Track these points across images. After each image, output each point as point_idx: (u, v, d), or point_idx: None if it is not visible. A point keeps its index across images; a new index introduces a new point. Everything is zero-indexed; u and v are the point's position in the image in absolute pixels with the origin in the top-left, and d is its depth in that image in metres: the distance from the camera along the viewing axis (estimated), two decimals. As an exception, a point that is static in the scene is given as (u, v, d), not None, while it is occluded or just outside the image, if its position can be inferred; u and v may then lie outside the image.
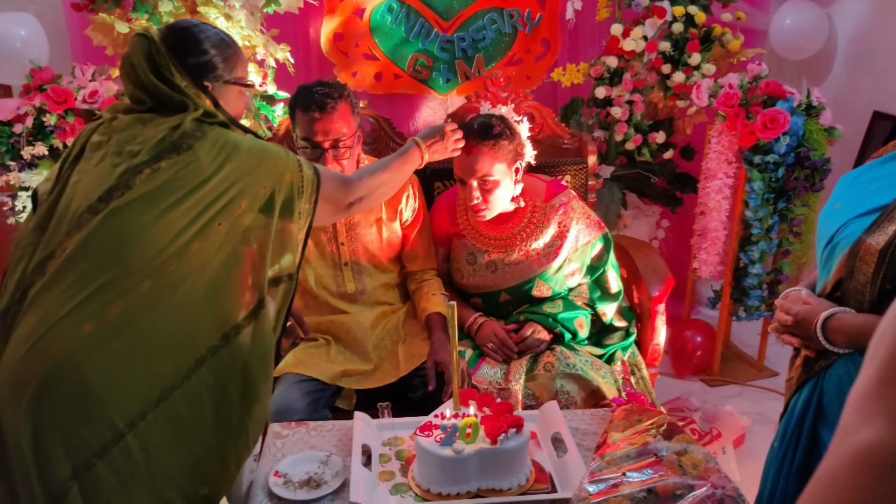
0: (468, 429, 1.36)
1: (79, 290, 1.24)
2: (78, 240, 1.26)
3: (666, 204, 3.10)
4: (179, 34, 1.42)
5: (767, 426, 2.56)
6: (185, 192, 1.31)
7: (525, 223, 2.01)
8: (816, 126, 2.59)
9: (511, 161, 1.92)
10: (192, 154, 1.33)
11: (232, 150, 1.37)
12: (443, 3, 3.02)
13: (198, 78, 1.41)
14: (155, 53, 1.37)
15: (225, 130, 1.40)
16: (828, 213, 1.30)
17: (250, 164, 1.38)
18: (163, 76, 1.37)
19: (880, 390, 0.57)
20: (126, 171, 1.30)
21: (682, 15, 2.77)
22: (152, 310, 1.27)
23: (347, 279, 2.02)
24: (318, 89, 1.88)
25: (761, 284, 2.82)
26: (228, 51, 1.47)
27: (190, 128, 1.35)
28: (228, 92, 1.48)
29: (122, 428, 1.23)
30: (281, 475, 1.43)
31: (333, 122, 1.85)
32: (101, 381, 1.23)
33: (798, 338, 1.30)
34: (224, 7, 2.45)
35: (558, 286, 2.03)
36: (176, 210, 1.30)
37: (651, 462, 1.33)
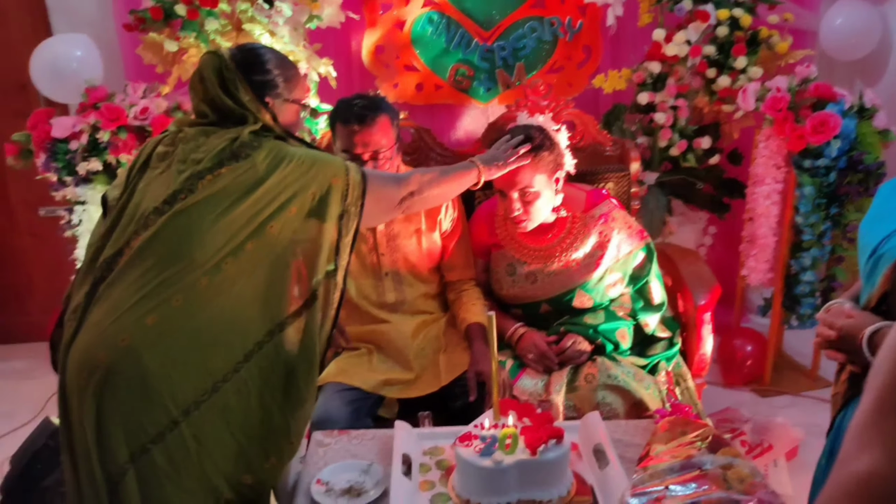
0: (508, 439, 1.35)
1: (143, 285, 1.34)
2: (144, 238, 1.37)
3: (713, 210, 3.04)
4: (247, 54, 1.54)
5: (822, 438, 2.44)
6: (241, 195, 1.40)
7: (565, 234, 2.00)
8: (870, 128, 2.52)
9: (551, 172, 1.91)
10: (249, 161, 1.42)
11: (285, 157, 1.45)
12: (483, 12, 3.03)
13: (260, 94, 1.51)
14: (224, 69, 1.48)
15: (280, 142, 1.49)
16: (870, 223, 1.26)
17: (301, 170, 1.46)
18: (229, 91, 1.47)
19: (877, 420, 0.57)
20: (190, 176, 1.40)
21: (726, 18, 2.72)
22: (209, 305, 1.36)
23: (388, 289, 2.04)
24: (357, 102, 1.92)
25: (814, 292, 2.74)
26: (289, 72, 1.58)
27: (248, 138, 1.45)
28: (287, 110, 1.57)
29: (177, 416, 1.31)
30: (323, 483, 1.45)
31: (373, 134, 1.88)
32: (159, 371, 1.31)
33: (843, 353, 1.25)
34: (268, 23, 2.51)
35: (599, 297, 2.00)
36: (233, 212, 1.39)
37: (695, 476, 1.30)
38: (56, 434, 1.89)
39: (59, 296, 1.50)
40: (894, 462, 0.56)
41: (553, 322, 2.02)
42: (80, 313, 1.38)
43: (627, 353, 1.97)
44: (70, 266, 2.73)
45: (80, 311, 1.38)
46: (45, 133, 2.49)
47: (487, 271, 2.14)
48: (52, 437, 1.89)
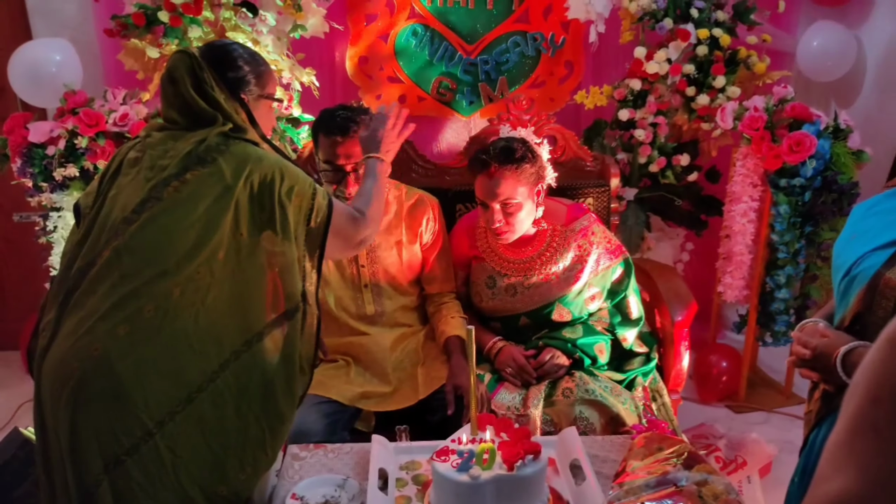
0: (485, 454, 1.35)
1: (114, 294, 1.32)
2: (114, 248, 1.35)
3: (690, 227, 3.08)
4: (218, 51, 1.53)
5: (795, 454, 2.46)
6: (209, 202, 1.37)
7: (545, 247, 2.01)
8: (844, 149, 2.56)
9: (533, 184, 1.93)
10: (215, 166, 1.39)
11: (254, 163, 1.42)
12: (466, 26, 3.05)
13: (235, 91, 1.50)
14: (196, 68, 1.45)
15: (249, 145, 1.46)
16: (843, 244, 1.28)
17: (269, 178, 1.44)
18: (203, 90, 1.45)
19: (851, 440, 0.58)
20: (157, 184, 1.38)
21: (706, 38, 2.76)
22: (182, 314, 1.33)
23: (367, 301, 2.03)
24: (340, 113, 1.91)
25: (788, 309, 2.77)
26: (260, 67, 1.57)
27: (214, 142, 1.42)
28: (261, 105, 1.56)
29: (152, 427, 1.29)
30: (298, 497, 1.44)
31: (355, 145, 1.88)
32: (133, 381, 1.29)
33: (817, 372, 1.26)
34: (252, 32, 2.50)
35: (578, 310, 2.02)
36: (203, 220, 1.36)
37: (670, 492, 1.31)
38: (25, 444, 1.85)
39: (32, 303, 1.48)
40: (868, 483, 0.56)
41: (532, 336, 2.03)
42: (53, 323, 1.36)
43: (605, 368, 1.98)
44: (44, 273, 2.68)
45: (54, 321, 1.36)
46: (21, 137, 2.46)
47: (467, 284, 2.14)
48: (22, 447, 1.86)
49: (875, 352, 0.60)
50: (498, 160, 1.88)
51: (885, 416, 0.57)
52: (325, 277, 2.03)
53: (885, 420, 0.57)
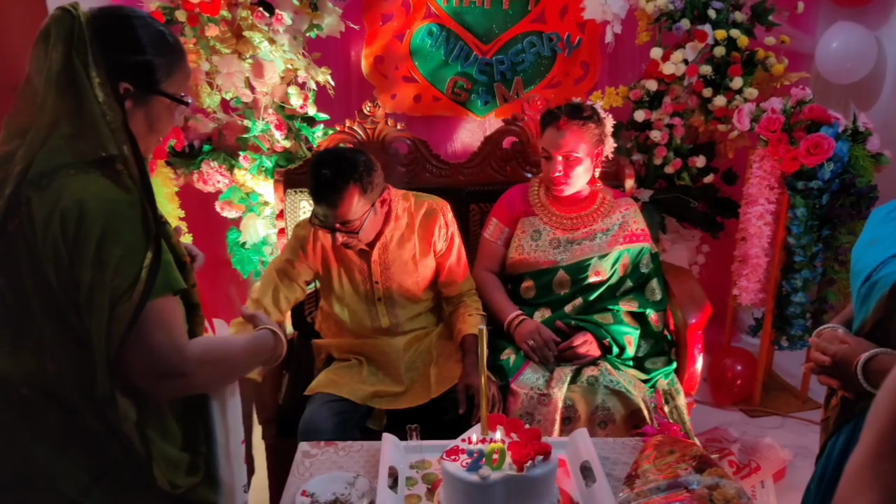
0: (495, 454, 1.35)
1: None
2: None
3: (706, 229, 3.05)
4: (112, 19, 1.15)
5: (809, 460, 2.46)
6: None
7: (595, 208, 2.16)
8: (863, 152, 2.53)
9: (595, 144, 2.09)
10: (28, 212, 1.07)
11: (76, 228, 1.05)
12: (482, 26, 3.04)
13: (115, 79, 1.11)
14: (76, 35, 1.09)
15: (80, 181, 1.07)
16: (862, 249, 1.26)
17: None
18: (71, 67, 1.09)
19: (874, 463, 0.57)
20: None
21: (723, 38, 2.74)
22: None
23: (381, 314, 2.02)
24: (324, 172, 1.78)
25: (804, 313, 2.75)
26: (170, 55, 1.19)
27: (39, 169, 1.07)
28: (156, 106, 1.19)
29: (77, 496, 1.14)
30: (308, 495, 1.44)
31: (338, 209, 1.80)
32: (45, 456, 1.14)
33: (836, 379, 1.24)
34: (268, 31, 2.51)
35: (612, 272, 2.11)
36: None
37: (681, 495, 1.30)
38: None
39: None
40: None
41: (564, 298, 2.11)
42: None
43: (631, 364, 2.02)
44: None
45: None
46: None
47: (507, 244, 2.21)
48: None
49: (894, 375, 0.59)
50: (567, 114, 2.05)
51: None
52: (338, 293, 2.02)
53: None
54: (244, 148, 2.66)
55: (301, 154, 2.68)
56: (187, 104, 1.23)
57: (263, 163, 2.63)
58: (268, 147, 2.66)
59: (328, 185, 1.78)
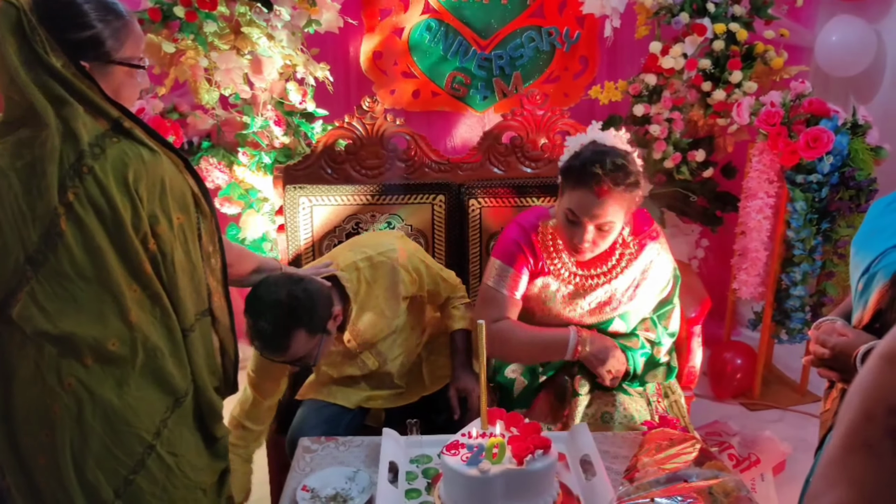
0: (494, 449, 1.35)
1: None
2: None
3: (706, 223, 3.06)
4: (55, 2, 1.16)
5: (809, 453, 2.45)
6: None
7: (614, 261, 1.84)
8: (862, 145, 2.53)
9: (632, 207, 1.76)
10: (93, 178, 1.16)
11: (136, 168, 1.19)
12: (481, 21, 3.04)
13: (74, 57, 1.15)
14: (26, 25, 1.11)
15: (126, 144, 1.19)
16: (862, 241, 1.26)
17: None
18: (34, 58, 1.12)
19: (843, 456, 0.58)
20: (47, 218, 1.16)
21: (723, 32, 2.74)
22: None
23: (367, 360, 1.93)
24: (263, 325, 1.58)
25: (804, 307, 2.75)
26: (116, 22, 1.21)
27: (87, 143, 1.15)
28: (115, 74, 1.22)
29: (151, 440, 1.27)
30: (309, 490, 1.45)
31: (286, 355, 1.64)
32: (124, 405, 1.25)
33: (835, 371, 1.24)
34: (266, 27, 2.51)
35: (631, 324, 1.90)
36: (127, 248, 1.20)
37: (681, 489, 1.31)
38: None
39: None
40: (860, 499, 0.56)
41: None
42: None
43: (637, 384, 1.89)
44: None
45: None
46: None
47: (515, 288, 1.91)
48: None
49: (868, 368, 0.60)
50: (612, 180, 1.65)
51: (877, 432, 0.57)
52: (321, 366, 1.90)
53: (877, 437, 0.57)
54: (243, 144, 2.66)
55: (300, 150, 2.68)
56: (144, 67, 1.27)
57: (262, 159, 2.63)
58: (267, 143, 2.66)
59: (270, 338, 1.60)
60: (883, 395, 0.57)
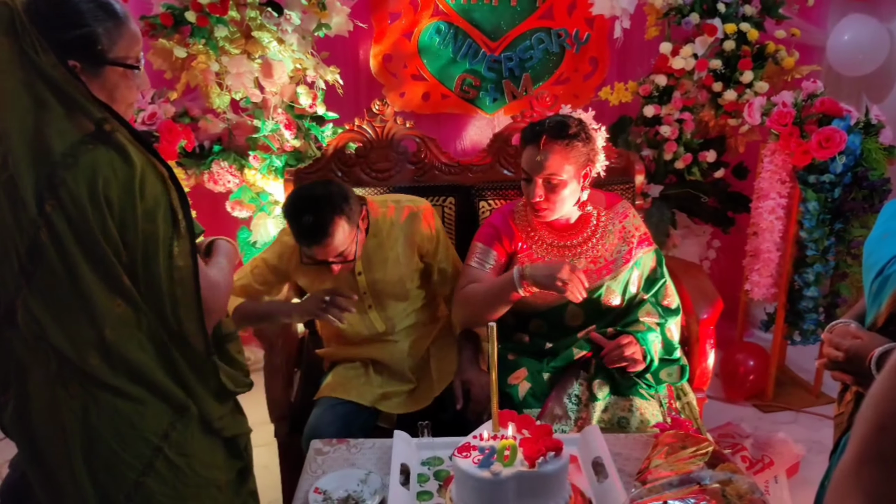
0: (506, 451, 1.35)
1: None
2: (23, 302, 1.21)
3: (717, 224, 3.04)
4: (46, 1, 1.14)
5: (823, 455, 2.45)
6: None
7: (591, 230, 1.97)
8: (875, 145, 2.51)
9: (581, 165, 1.87)
10: (65, 190, 1.12)
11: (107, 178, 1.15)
12: (490, 23, 3.04)
13: (64, 57, 1.13)
14: (18, 24, 1.10)
15: (101, 150, 1.14)
16: (875, 243, 1.25)
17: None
18: (27, 59, 1.10)
19: (858, 468, 0.58)
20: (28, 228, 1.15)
21: (733, 32, 2.72)
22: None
23: (374, 320, 1.98)
24: (307, 219, 1.72)
25: (817, 308, 2.73)
26: (109, 21, 1.18)
27: (60, 150, 1.12)
28: (109, 76, 1.20)
29: (158, 442, 1.27)
30: (321, 492, 1.45)
31: (330, 245, 1.76)
32: (129, 409, 1.24)
33: (850, 374, 1.23)
34: (277, 32, 2.52)
35: (624, 292, 1.95)
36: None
37: (694, 491, 1.30)
38: None
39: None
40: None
41: (579, 326, 1.93)
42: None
43: (653, 387, 1.88)
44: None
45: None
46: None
47: (498, 271, 2.00)
48: None
49: (881, 380, 0.60)
50: (550, 133, 1.82)
51: (890, 444, 0.57)
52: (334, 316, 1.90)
53: (890, 449, 0.57)
54: (254, 148, 2.68)
55: (311, 153, 2.69)
56: (138, 68, 1.24)
57: (273, 162, 2.64)
58: (277, 147, 2.67)
59: (314, 229, 1.72)
60: (895, 407, 0.57)
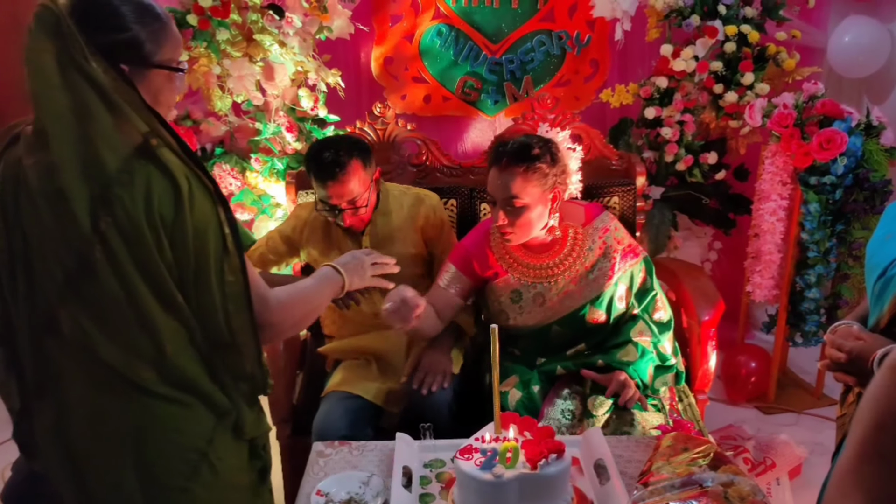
0: (508, 453, 1.35)
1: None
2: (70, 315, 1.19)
3: (718, 226, 3.04)
4: (91, 4, 1.12)
5: (825, 457, 2.45)
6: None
7: (568, 249, 1.90)
8: (876, 146, 2.51)
9: (547, 188, 1.79)
10: (120, 207, 1.10)
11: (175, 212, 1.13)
12: (491, 26, 3.05)
13: (113, 60, 1.11)
14: (65, 28, 1.06)
15: (152, 165, 1.12)
16: (877, 244, 1.25)
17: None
18: (71, 62, 1.07)
19: (858, 466, 0.59)
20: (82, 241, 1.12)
21: (734, 34, 2.73)
22: None
23: (377, 300, 1.96)
24: (327, 155, 1.86)
25: (819, 309, 2.73)
26: (155, 24, 1.17)
27: (115, 166, 1.09)
28: (154, 79, 1.19)
29: (204, 448, 1.25)
30: (323, 494, 1.45)
31: (346, 185, 1.88)
32: (177, 414, 1.23)
33: (852, 375, 1.23)
34: (278, 34, 2.53)
35: (610, 309, 1.90)
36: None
37: (696, 493, 1.30)
38: None
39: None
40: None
41: (564, 347, 1.91)
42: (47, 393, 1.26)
43: (651, 398, 1.86)
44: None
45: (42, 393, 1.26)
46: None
47: (485, 307, 2.03)
48: None
49: (880, 379, 0.60)
50: (511, 156, 1.76)
51: (890, 442, 0.58)
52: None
53: (890, 446, 0.57)
54: (256, 150, 2.68)
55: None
56: (183, 70, 1.24)
57: (275, 165, 2.65)
58: (279, 149, 2.68)
59: (333, 164, 1.85)
60: (894, 406, 0.58)
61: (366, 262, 1.56)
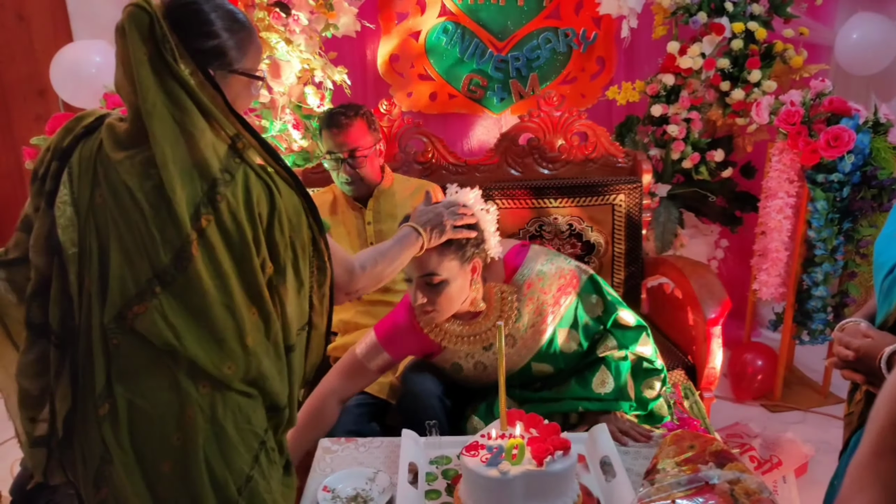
0: (514, 450, 1.35)
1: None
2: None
3: (725, 223, 3.04)
4: (182, 8, 1.16)
5: (832, 455, 2.43)
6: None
7: (497, 312, 1.73)
8: (884, 144, 2.50)
9: (466, 260, 1.65)
10: (225, 206, 1.14)
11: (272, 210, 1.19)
12: (497, 23, 3.05)
13: (203, 65, 1.16)
14: (158, 31, 1.10)
15: (249, 169, 1.17)
16: (885, 241, 1.24)
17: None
18: (165, 63, 1.10)
19: (874, 461, 0.59)
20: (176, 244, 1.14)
21: (741, 31, 2.72)
22: None
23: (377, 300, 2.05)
24: (338, 110, 2.18)
25: (825, 307, 2.72)
26: (241, 33, 1.23)
27: (218, 166, 1.13)
28: (233, 83, 1.24)
29: (263, 436, 1.26)
30: (329, 490, 1.46)
31: (349, 135, 2.12)
32: (246, 404, 1.24)
33: (860, 373, 1.23)
34: (285, 32, 2.53)
35: (557, 358, 1.75)
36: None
37: (702, 490, 1.30)
38: None
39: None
40: (891, 502, 0.57)
41: (516, 392, 1.75)
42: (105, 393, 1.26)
43: (642, 410, 1.76)
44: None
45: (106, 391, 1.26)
46: (63, 137, 2.52)
47: (382, 370, 1.82)
48: None
49: (894, 377, 0.60)
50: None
51: None
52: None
53: None
54: (262, 148, 2.69)
55: (319, 153, 2.70)
56: (262, 79, 1.30)
57: (281, 162, 2.66)
58: (285, 147, 2.68)
59: (340, 115, 2.14)
60: None
61: (444, 214, 1.61)
